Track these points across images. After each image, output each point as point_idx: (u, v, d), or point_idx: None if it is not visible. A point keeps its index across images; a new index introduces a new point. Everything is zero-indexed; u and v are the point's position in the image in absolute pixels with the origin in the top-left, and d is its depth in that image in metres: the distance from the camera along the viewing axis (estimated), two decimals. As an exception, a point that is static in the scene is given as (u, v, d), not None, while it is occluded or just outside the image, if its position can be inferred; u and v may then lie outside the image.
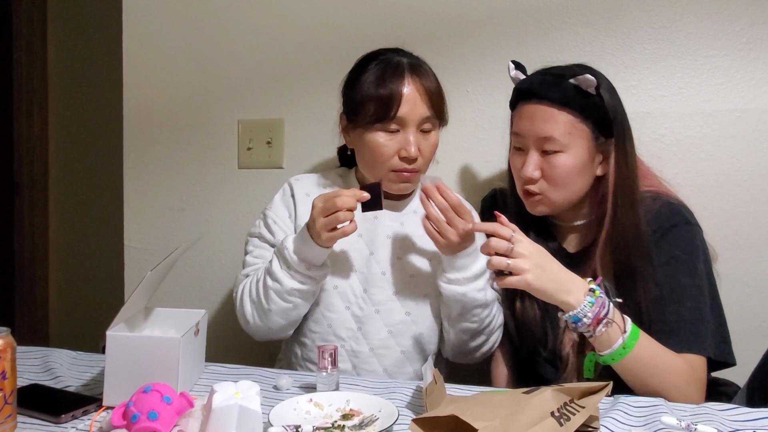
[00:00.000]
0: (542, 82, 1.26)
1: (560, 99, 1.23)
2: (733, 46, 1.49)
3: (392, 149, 1.29)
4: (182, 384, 1.05)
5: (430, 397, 0.99)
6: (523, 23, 1.58)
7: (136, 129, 1.86)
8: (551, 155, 1.24)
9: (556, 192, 1.26)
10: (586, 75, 1.21)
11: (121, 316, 1.08)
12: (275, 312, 1.28)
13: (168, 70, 1.82)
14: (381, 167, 1.31)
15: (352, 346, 1.34)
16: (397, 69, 1.29)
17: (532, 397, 0.91)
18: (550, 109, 1.23)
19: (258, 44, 1.76)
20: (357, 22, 1.68)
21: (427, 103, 1.29)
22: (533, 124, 1.24)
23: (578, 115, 1.23)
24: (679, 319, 1.19)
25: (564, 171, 1.24)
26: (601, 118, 1.24)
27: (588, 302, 1.10)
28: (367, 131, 1.30)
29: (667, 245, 1.23)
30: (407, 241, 1.37)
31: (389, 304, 1.34)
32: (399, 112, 1.27)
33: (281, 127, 1.75)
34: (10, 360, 0.93)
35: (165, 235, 1.85)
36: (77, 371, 1.22)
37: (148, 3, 1.82)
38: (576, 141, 1.23)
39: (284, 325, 1.32)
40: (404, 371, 1.35)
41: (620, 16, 1.53)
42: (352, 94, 1.33)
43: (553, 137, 1.22)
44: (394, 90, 1.27)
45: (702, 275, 1.23)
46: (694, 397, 1.14)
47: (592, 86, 1.21)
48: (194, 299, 1.82)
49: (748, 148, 1.49)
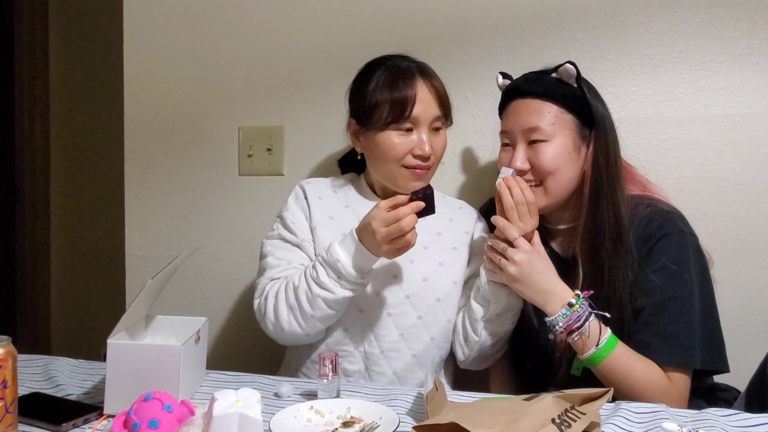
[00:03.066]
0: (525, 79, 1.34)
1: (543, 92, 1.30)
2: (732, 51, 1.49)
3: (406, 147, 1.32)
4: (183, 392, 1.05)
5: (431, 404, 0.99)
6: (522, 30, 1.59)
7: (136, 136, 1.87)
8: (538, 144, 1.28)
9: (552, 181, 1.29)
10: (566, 64, 1.28)
11: (121, 324, 1.08)
12: (319, 318, 1.28)
13: (168, 77, 1.83)
14: (394, 165, 1.33)
15: (365, 348, 1.34)
16: (408, 72, 1.33)
17: (533, 404, 0.91)
18: (534, 102, 1.30)
19: (258, 51, 1.76)
20: (357, 30, 1.68)
21: (438, 103, 1.34)
22: (518, 118, 1.31)
23: (561, 106, 1.29)
24: (662, 333, 1.21)
25: (550, 158, 1.27)
26: (583, 110, 1.29)
27: (562, 314, 1.20)
28: (380, 132, 1.32)
29: (657, 255, 1.24)
30: (418, 245, 1.37)
31: (401, 308, 1.34)
32: (413, 112, 1.30)
33: (281, 134, 1.75)
34: (11, 369, 0.93)
35: (166, 242, 1.85)
36: (78, 379, 1.22)
37: (149, 12, 1.83)
38: (561, 131, 1.28)
39: (321, 329, 1.32)
40: (414, 375, 1.35)
41: (619, 22, 1.54)
42: (363, 99, 1.34)
43: (539, 127, 1.28)
44: (409, 91, 1.30)
45: (692, 285, 1.23)
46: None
47: (573, 75, 1.28)
48: (195, 306, 1.82)
49: (747, 152, 1.49)
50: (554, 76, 1.30)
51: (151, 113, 1.85)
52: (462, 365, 1.40)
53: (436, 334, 1.35)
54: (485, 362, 1.39)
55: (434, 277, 1.36)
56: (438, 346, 1.36)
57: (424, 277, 1.35)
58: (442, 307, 1.35)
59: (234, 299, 1.81)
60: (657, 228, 1.25)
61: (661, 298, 1.22)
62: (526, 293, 1.24)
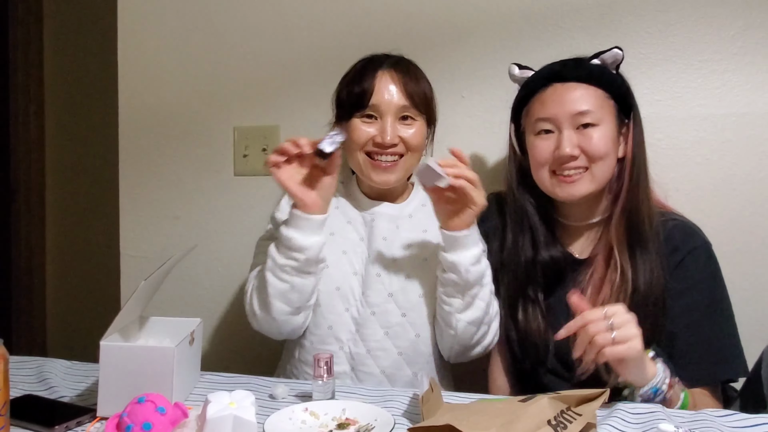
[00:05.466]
0: (564, 65, 1.30)
1: (586, 76, 1.27)
2: (728, 50, 1.49)
3: (368, 134, 1.34)
4: (177, 394, 1.04)
5: (426, 405, 0.98)
6: (518, 28, 1.58)
7: (131, 137, 1.86)
8: (588, 129, 1.25)
9: (600, 166, 1.26)
10: (615, 49, 1.26)
11: (114, 325, 1.07)
12: (273, 295, 1.27)
13: (163, 77, 1.82)
14: (357, 153, 1.35)
15: (350, 348, 1.34)
16: (374, 62, 1.35)
17: (529, 405, 0.91)
18: (580, 85, 1.26)
19: (253, 51, 1.76)
20: (352, 29, 1.68)
21: (404, 93, 1.33)
22: (564, 103, 1.26)
23: (605, 91, 1.27)
24: (709, 349, 1.20)
25: (603, 143, 1.25)
26: (622, 97, 1.28)
27: (660, 368, 1.09)
28: (347, 121, 1.35)
29: (688, 268, 1.23)
30: (403, 244, 1.37)
31: (385, 306, 1.33)
32: (372, 99, 1.32)
33: (277, 134, 1.74)
34: (3, 371, 0.92)
35: (161, 242, 1.85)
36: (72, 381, 1.21)
37: (143, 12, 1.82)
38: (606, 116, 1.26)
39: (289, 312, 1.29)
40: (402, 373, 1.34)
41: (615, 21, 1.53)
42: (336, 91, 1.40)
43: (590, 110, 1.24)
44: (368, 79, 1.33)
45: (725, 292, 1.23)
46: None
47: (619, 59, 1.27)
48: (191, 307, 1.82)
49: (744, 152, 1.49)
50: (595, 62, 1.28)
51: (146, 113, 1.84)
52: (450, 361, 1.39)
53: (422, 331, 1.34)
54: (472, 351, 1.35)
55: (418, 274, 1.35)
56: (424, 343, 1.35)
57: (407, 275, 1.35)
58: (426, 303, 1.34)
59: (229, 300, 1.81)
60: (682, 240, 1.25)
61: (699, 315, 1.21)
62: (632, 371, 1.07)
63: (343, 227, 1.40)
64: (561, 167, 1.27)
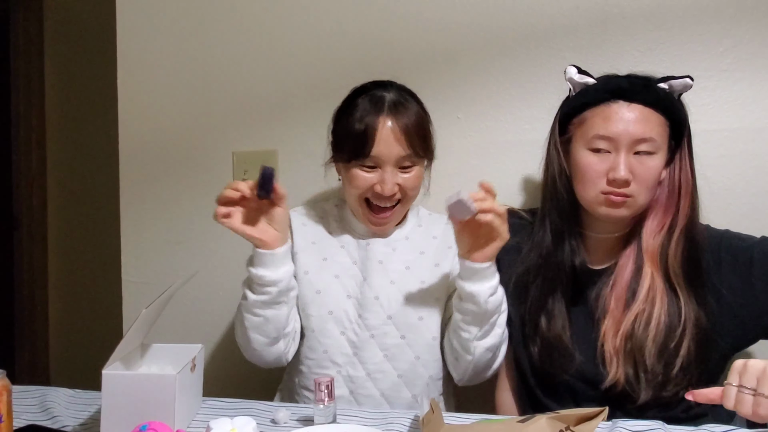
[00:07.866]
0: (632, 83, 1.26)
1: (654, 101, 1.24)
2: (718, 67, 1.51)
3: (367, 183, 1.33)
4: (179, 420, 1.05)
5: (427, 428, 0.99)
6: (511, 49, 1.60)
7: (131, 163, 1.88)
8: (644, 156, 1.23)
9: (644, 194, 1.25)
10: (687, 78, 1.25)
11: (116, 354, 1.08)
12: (250, 328, 1.31)
13: (162, 103, 1.84)
14: (355, 199, 1.36)
15: (348, 372, 1.34)
16: (376, 107, 1.31)
17: (528, 426, 0.91)
18: (645, 110, 1.23)
19: (250, 77, 1.78)
20: (349, 54, 1.70)
21: (406, 142, 1.30)
22: (628, 125, 1.22)
23: (666, 119, 1.25)
24: None
25: (656, 173, 1.24)
26: (678, 123, 1.27)
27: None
28: (346, 164, 1.34)
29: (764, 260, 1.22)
30: (399, 266, 1.38)
31: (383, 328, 1.34)
32: (373, 151, 1.30)
33: (275, 158, 1.76)
34: (6, 403, 0.93)
35: (163, 268, 1.85)
36: (75, 410, 1.22)
37: (142, 38, 1.85)
38: (663, 144, 1.25)
39: (266, 343, 1.32)
40: (401, 395, 1.34)
41: (606, 40, 1.55)
42: (335, 130, 1.38)
43: (652, 138, 1.22)
44: (369, 130, 1.29)
45: None
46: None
47: (688, 89, 1.26)
48: (193, 333, 1.82)
49: (737, 167, 1.50)
50: (662, 86, 1.26)
51: (146, 140, 1.86)
52: (461, 384, 1.38)
53: (421, 352, 1.35)
54: (484, 374, 1.35)
55: (416, 295, 1.36)
56: (424, 365, 1.35)
57: (405, 297, 1.36)
58: (425, 324, 1.35)
59: (230, 325, 1.81)
60: (737, 239, 1.27)
61: None
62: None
63: (336, 252, 1.41)
64: (610, 188, 1.25)
